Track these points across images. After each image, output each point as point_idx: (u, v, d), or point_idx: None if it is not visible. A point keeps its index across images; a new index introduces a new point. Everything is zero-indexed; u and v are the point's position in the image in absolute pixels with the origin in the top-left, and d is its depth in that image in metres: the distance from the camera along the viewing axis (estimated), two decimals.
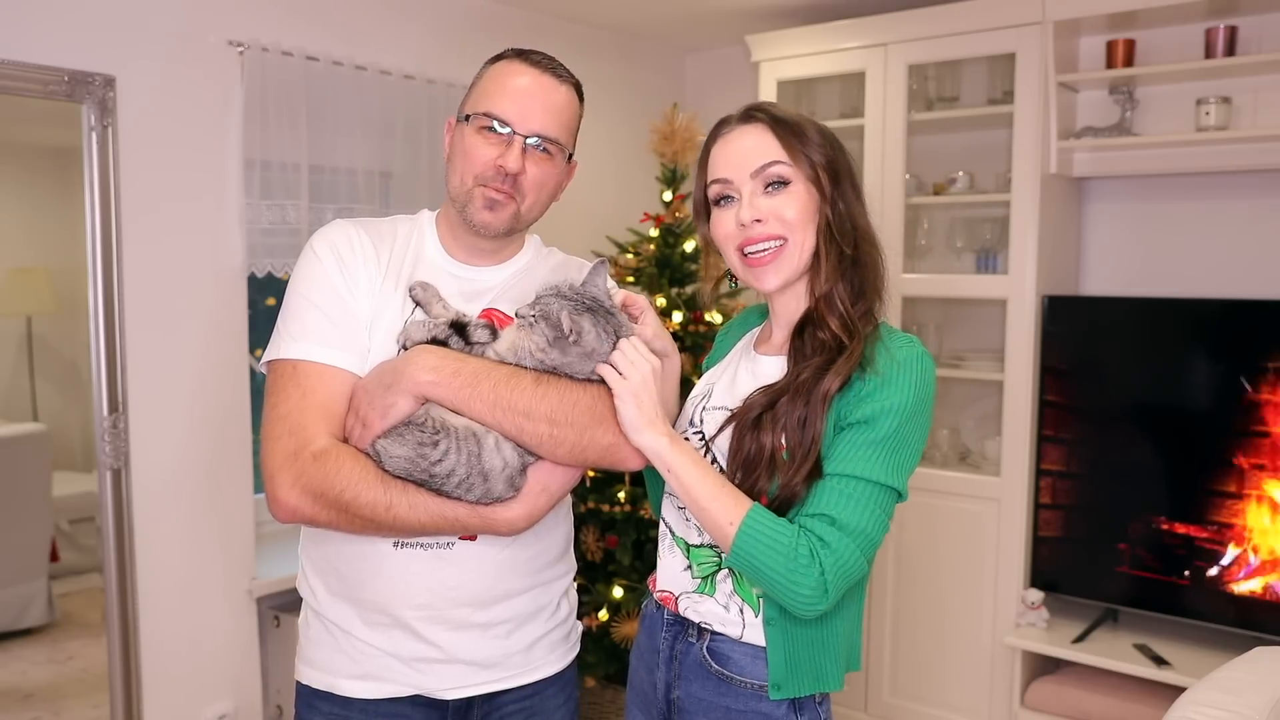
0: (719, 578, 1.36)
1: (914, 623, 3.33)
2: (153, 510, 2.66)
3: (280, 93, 2.79)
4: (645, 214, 3.23)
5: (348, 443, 1.34)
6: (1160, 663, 2.82)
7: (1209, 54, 2.91)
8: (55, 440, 3.71)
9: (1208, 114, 2.92)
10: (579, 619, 1.62)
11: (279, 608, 2.91)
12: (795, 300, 1.39)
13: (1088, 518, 3.06)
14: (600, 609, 3.01)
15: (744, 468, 1.30)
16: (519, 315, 1.34)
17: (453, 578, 1.40)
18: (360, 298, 1.39)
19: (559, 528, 1.52)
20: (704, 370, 1.55)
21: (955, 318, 3.48)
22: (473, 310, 1.43)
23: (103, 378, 2.56)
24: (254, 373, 2.85)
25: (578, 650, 1.60)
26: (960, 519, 3.21)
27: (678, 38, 4.02)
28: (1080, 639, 2.99)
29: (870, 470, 1.25)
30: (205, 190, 2.73)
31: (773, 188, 1.34)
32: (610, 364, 1.31)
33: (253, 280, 2.83)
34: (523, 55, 1.43)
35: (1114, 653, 2.91)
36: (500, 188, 1.39)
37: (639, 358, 1.31)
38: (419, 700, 1.43)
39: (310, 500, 1.30)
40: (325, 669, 1.44)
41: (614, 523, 3.06)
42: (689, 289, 3.20)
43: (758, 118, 1.37)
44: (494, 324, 1.40)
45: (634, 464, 1.36)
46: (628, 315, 1.37)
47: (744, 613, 1.33)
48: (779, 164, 1.33)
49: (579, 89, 1.47)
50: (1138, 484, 2.98)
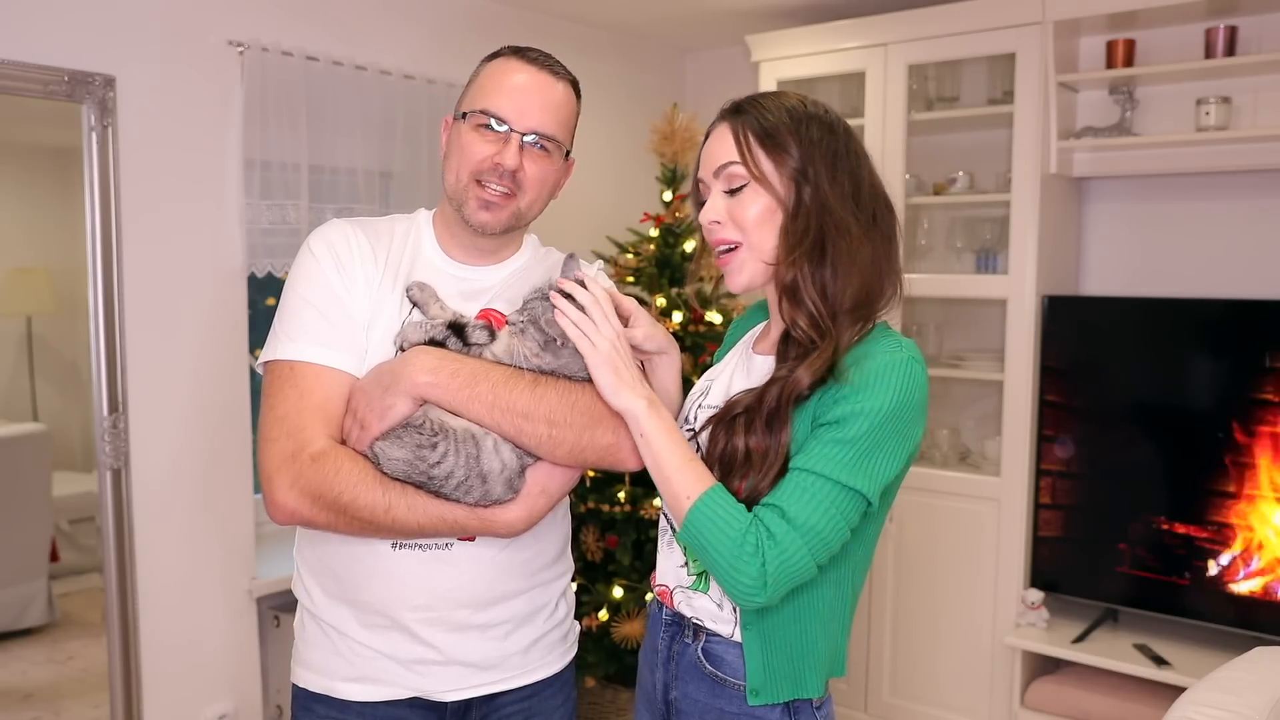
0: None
1: (914, 623, 3.33)
2: (152, 510, 2.66)
3: (280, 93, 2.79)
4: (645, 214, 3.23)
5: (345, 444, 1.34)
6: (1160, 663, 2.81)
7: (1209, 54, 2.91)
8: (55, 440, 3.70)
9: (1208, 114, 2.91)
10: (578, 619, 1.62)
11: (279, 608, 2.91)
12: None
13: (1088, 518, 3.05)
14: (600, 609, 3.01)
15: (720, 467, 1.28)
16: (510, 322, 1.33)
17: (451, 579, 1.39)
18: (358, 298, 1.39)
19: (557, 529, 1.52)
20: (714, 362, 1.54)
21: (955, 318, 3.48)
22: (470, 310, 1.43)
23: (103, 378, 2.56)
24: (254, 373, 2.85)
25: (575, 651, 1.60)
26: (960, 519, 3.21)
27: (678, 38, 4.02)
28: (1080, 639, 2.98)
29: (833, 469, 1.21)
30: (205, 190, 2.73)
31: (734, 190, 1.32)
32: (578, 328, 1.29)
33: (253, 280, 2.83)
34: (519, 53, 1.43)
35: (1114, 653, 2.90)
36: (499, 184, 1.39)
37: (603, 321, 1.30)
38: (417, 703, 1.43)
39: (308, 502, 1.30)
40: (321, 671, 1.44)
41: (614, 523, 3.06)
42: (688, 289, 3.20)
43: (726, 116, 1.35)
44: (492, 325, 1.40)
45: (633, 464, 1.35)
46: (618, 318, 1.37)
47: (736, 611, 1.32)
48: (734, 164, 1.31)
49: (576, 86, 1.46)
50: (1138, 484, 2.98)
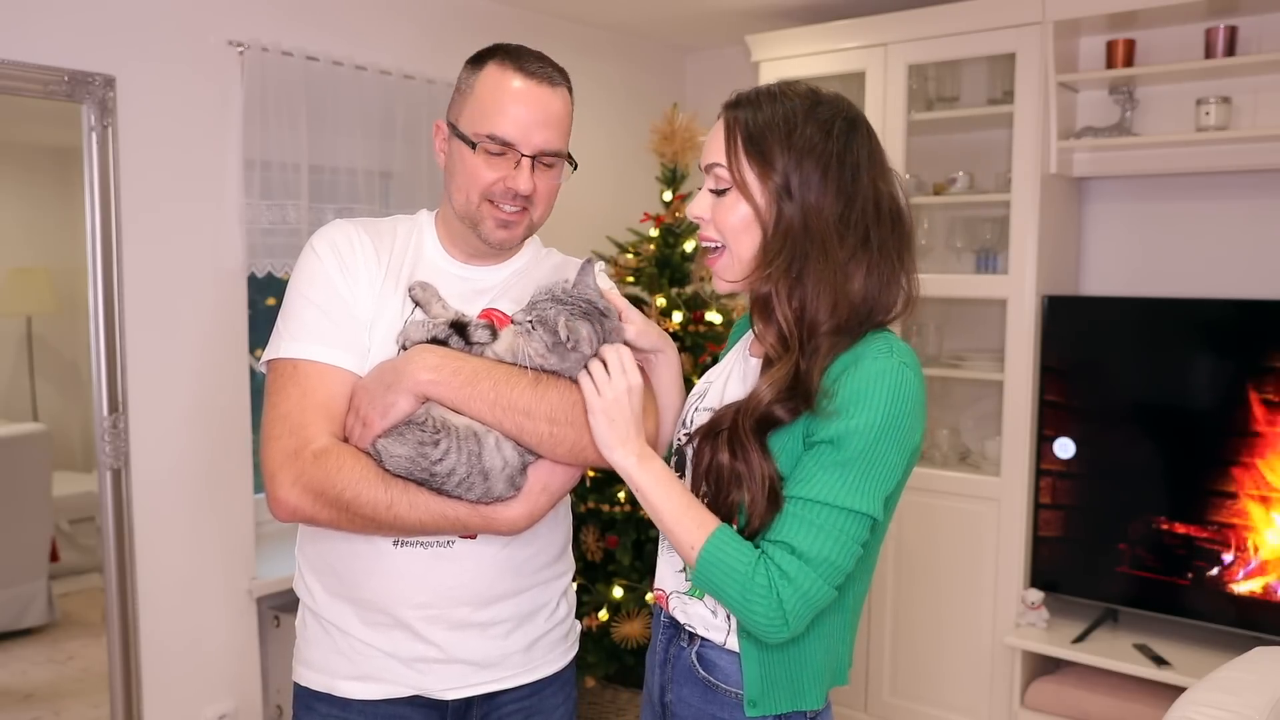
0: None
1: (914, 623, 3.33)
2: (153, 510, 2.66)
3: (280, 93, 2.79)
4: (645, 214, 3.23)
5: (348, 442, 1.34)
6: (1160, 663, 2.81)
7: (1209, 54, 2.91)
8: (55, 440, 3.70)
9: (1208, 114, 2.92)
10: (579, 619, 1.62)
11: (279, 607, 2.91)
12: None
13: (1088, 518, 3.05)
14: (600, 609, 3.01)
15: (711, 483, 1.26)
16: (515, 321, 1.33)
17: (452, 577, 1.39)
18: (360, 297, 1.39)
19: (558, 527, 1.52)
20: (717, 361, 1.54)
21: (955, 318, 3.48)
22: (472, 310, 1.43)
23: (103, 378, 2.56)
24: (254, 372, 2.85)
25: (576, 650, 1.60)
26: (960, 519, 3.21)
27: (678, 38, 4.02)
28: (1080, 639, 2.98)
29: (836, 495, 1.17)
30: (205, 190, 2.73)
31: (719, 191, 1.28)
32: (590, 374, 1.29)
33: (253, 280, 2.83)
34: (514, 60, 1.39)
35: (1114, 653, 2.90)
36: (512, 203, 1.40)
37: (618, 372, 1.28)
38: (418, 701, 1.43)
39: (311, 499, 1.30)
40: (323, 670, 1.44)
41: (614, 523, 3.06)
42: (689, 289, 3.19)
43: (726, 109, 1.30)
44: (494, 324, 1.40)
45: None
46: None
47: (730, 620, 1.30)
48: (718, 166, 1.27)
49: (568, 83, 1.44)
50: (1138, 484, 2.98)
